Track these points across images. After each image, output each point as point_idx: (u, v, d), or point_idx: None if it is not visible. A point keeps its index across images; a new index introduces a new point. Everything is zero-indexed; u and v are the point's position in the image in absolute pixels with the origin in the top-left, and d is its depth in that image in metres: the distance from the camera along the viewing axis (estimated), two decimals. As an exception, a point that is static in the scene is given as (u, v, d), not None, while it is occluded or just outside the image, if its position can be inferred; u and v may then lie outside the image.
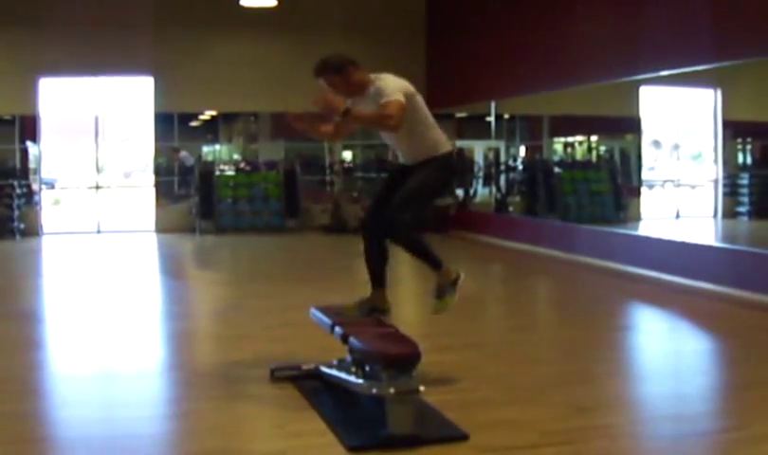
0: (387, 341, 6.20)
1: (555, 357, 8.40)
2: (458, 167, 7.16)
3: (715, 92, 13.75)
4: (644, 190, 16.06)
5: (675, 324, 10.74)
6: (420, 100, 7.02)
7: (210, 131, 25.84)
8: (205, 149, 25.53)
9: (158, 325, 10.45)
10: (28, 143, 21.02)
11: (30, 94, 20.24)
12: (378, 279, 7.23)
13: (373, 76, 7.00)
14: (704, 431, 6.12)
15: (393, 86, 6.76)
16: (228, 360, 8.19)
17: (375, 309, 7.15)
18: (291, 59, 21.24)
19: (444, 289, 7.08)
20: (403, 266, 10.79)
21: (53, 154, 25.64)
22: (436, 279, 7.09)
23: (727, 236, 14.13)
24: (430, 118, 7.10)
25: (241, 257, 18.05)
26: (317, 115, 7.00)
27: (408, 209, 6.95)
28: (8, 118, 20.93)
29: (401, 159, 7.24)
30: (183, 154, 23.32)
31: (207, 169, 21.84)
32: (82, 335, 9.50)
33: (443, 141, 7.07)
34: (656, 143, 16.49)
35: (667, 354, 9.11)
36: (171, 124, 22.17)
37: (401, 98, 6.63)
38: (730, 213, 14.16)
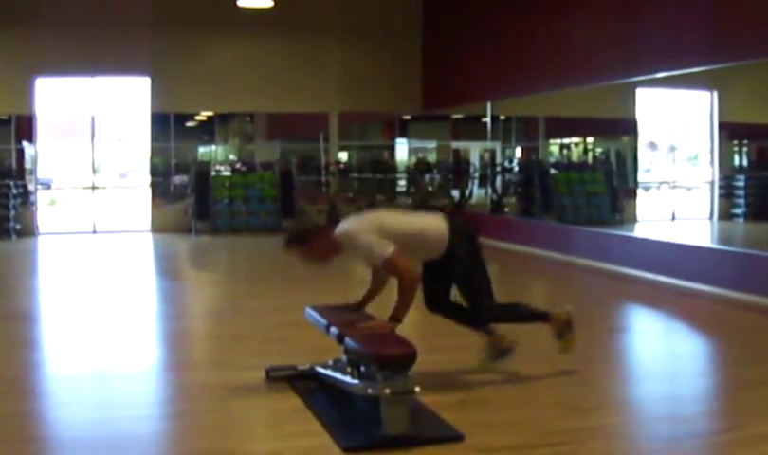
0: (382, 342, 6.19)
1: (550, 358, 8.39)
2: (464, 233, 7.03)
3: (711, 94, 13.78)
4: (640, 191, 16.09)
5: (671, 325, 10.75)
6: (390, 220, 6.86)
7: (207, 131, 25.88)
8: (201, 149, 25.54)
9: (154, 325, 10.44)
10: (25, 143, 21.02)
11: (27, 94, 20.23)
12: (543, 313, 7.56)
13: (337, 233, 6.72)
14: (700, 432, 6.13)
15: (371, 242, 6.55)
16: (224, 360, 8.19)
17: (503, 351, 7.38)
18: (287, 60, 21.30)
19: (562, 334, 7.35)
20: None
21: (49, 154, 25.63)
22: (551, 328, 7.40)
23: (723, 238, 14.15)
24: (410, 223, 6.97)
25: (236, 257, 18.04)
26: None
27: (478, 295, 7.13)
28: (4, 117, 20.93)
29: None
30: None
31: (203, 169, 21.83)
32: (78, 335, 9.50)
33: (439, 232, 6.94)
34: (652, 145, 16.51)
35: (662, 355, 9.12)
36: (167, 125, 22.18)
37: (389, 248, 6.48)
38: (726, 215, 14.18)
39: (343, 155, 24.42)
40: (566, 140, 20.23)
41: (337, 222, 6.94)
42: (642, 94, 14.81)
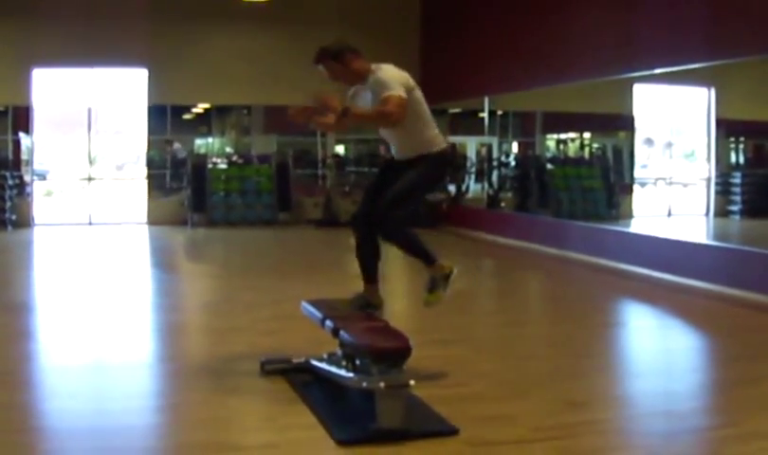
0: (377, 335, 6.19)
1: (546, 353, 8.40)
2: (451, 164, 7.09)
3: (709, 90, 13.78)
4: (636, 187, 16.08)
5: (666, 321, 10.76)
6: (419, 94, 6.92)
7: (203, 124, 25.80)
8: (198, 142, 25.49)
9: (149, 317, 10.44)
10: (21, 134, 20.96)
11: (24, 84, 20.21)
12: (371, 274, 7.16)
13: (373, 65, 6.89)
14: (695, 428, 6.13)
15: (395, 79, 6.64)
16: (219, 353, 8.18)
17: (369, 304, 7.09)
18: (285, 52, 21.25)
19: (436, 283, 7.00)
20: (395, 261, 10.77)
21: (46, 145, 25.61)
22: (429, 272, 7.00)
23: (719, 234, 14.16)
24: (428, 114, 6.98)
25: (232, 250, 18.02)
26: (316, 109, 6.90)
27: (399, 207, 6.82)
28: (0, 108, 20.85)
29: (394, 153, 7.12)
30: (176, 145, 23.27)
31: (199, 162, 21.82)
32: (74, 326, 9.48)
33: (438, 139, 6.97)
34: (649, 141, 16.51)
35: (658, 350, 9.13)
36: (164, 117, 22.14)
37: (402, 92, 6.51)
38: (722, 212, 14.18)
39: (340, 149, 24.38)
40: (563, 136, 20.22)
41: None
42: (639, 90, 14.81)
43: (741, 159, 15.15)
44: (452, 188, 21.54)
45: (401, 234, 6.95)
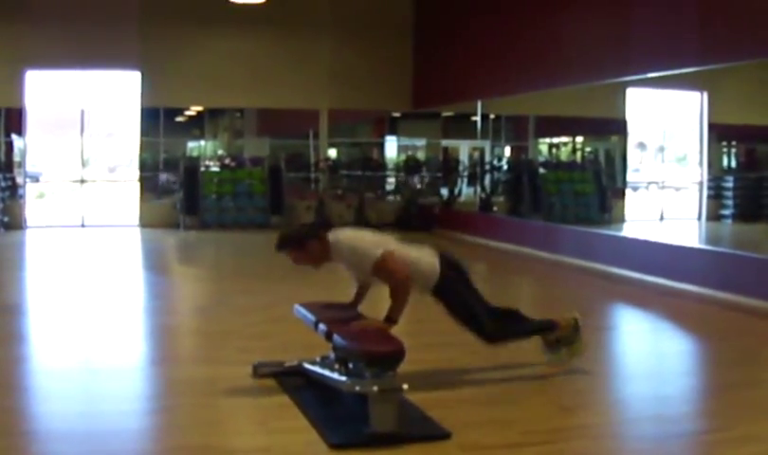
0: (370, 339, 6.19)
1: (538, 357, 8.40)
2: (453, 264, 7.12)
3: (701, 95, 13.81)
4: (628, 191, 16.11)
5: (658, 325, 10.76)
6: (389, 240, 6.90)
7: (196, 126, 25.81)
8: (190, 144, 25.49)
9: (141, 320, 10.43)
10: (14, 136, 20.96)
11: (16, 86, 20.20)
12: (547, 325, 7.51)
13: (331, 239, 6.78)
14: (687, 432, 6.14)
15: (367, 241, 6.72)
16: (211, 356, 8.19)
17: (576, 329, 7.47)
18: (278, 55, 21.31)
19: (569, 339, 7.34)
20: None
21: (38, 147, 25.57)
22: (558, 334, 7.37)
23: (711, 238, 14.19)
24: (407, 250, 6.94)
25: (225, 253, 18.02)
26: None
27: (476, 319, 7.04)
28: (-7, 110, 20.88)
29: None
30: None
31: (192, 164, 21.81)
32: (65, 329, 9.48)
33: (432, 264, 6.95)
34: (641, 145, 16.54)
35: (649, 354, 9.14)
36: (156, 119, 22.14)
37: (376, 254, 6.55)
38: (714, 216, 14.21)
39: (333, 152, 24.39)
40: (555, 140, 20.26)
41: (328, 224, 6.99)
42: (632, 94, 14.84)
43: (733, 163, 15.18)
44: (445, 191, 21.57)
45: (509, 331, 7.35)
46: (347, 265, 6.85)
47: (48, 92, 21.31)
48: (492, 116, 20.36)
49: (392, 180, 24.56)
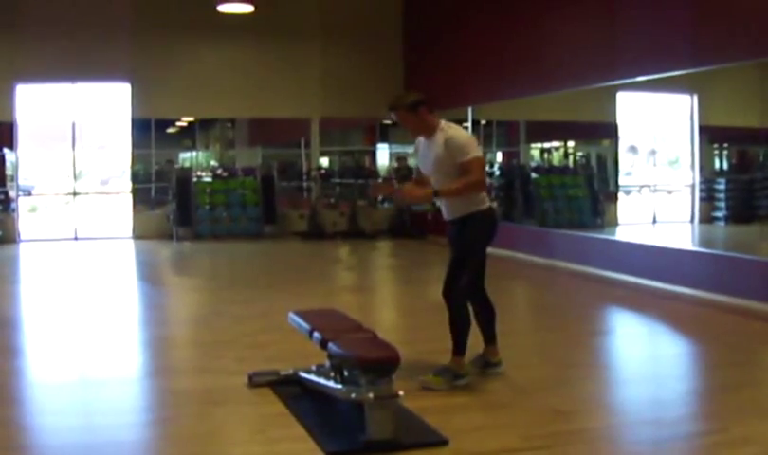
0: (366, 346, 6.19)
1: (533, 362, 8.40)
2: (497, 221, 7.47)
3: (691, 97, 13.81)
4: (621, 195, 16.11)
5: (653, 328, 10.77)
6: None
7: (188, 137, 25.82)
8: (182, 155, 25.50)
9: (136, 332, 10.42)
10: (5, 150, 20.93)
11: (7, 101, 20.16)
12: (462, 347, 7.39)
13: (443, 122, 7.27)
14: (684, 435, 6.14)
15: (470, 141, 7.14)
16: (207, 366, 8.18)
17: (457, 376, 7.28)
18: (268, 65, 21.32)
19: (445, 373, 7.22)
20: (385, 272, 10.80)
21: (30, 160, 25.55)
22: (450, 362, 7.28)
23: (704, 241, 14.18)
24: None
25: (218, 263, 18.01)
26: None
27: (466, 274, 7.37)
28: (-16, 125, 20.85)
29: (444, 213, 7.51)
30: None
31: (184, 175, 21.80)
32: (61, 342, 9.46)
33: (484, 196, 7.37)
34: (633, 148, 16.54)
35: (645, 358, 9.15)
36: (148, 131, 22.14)
37: (480, 154, 7.09)
38: (707, 218, 14.21)
39: (325, 161, 24.40)
40: (547, 144, 20.26)
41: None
42: (622, 97, 14.85)
43: (725, 166, 15.18)
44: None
45: (460, 312, 7.37)
46: (433, 150, 7.23)
47: (39, 105, 21.29)
48: (483, 121, 20.37)
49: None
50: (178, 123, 24.92)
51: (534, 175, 18.90)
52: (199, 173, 22.59)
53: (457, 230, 7.37)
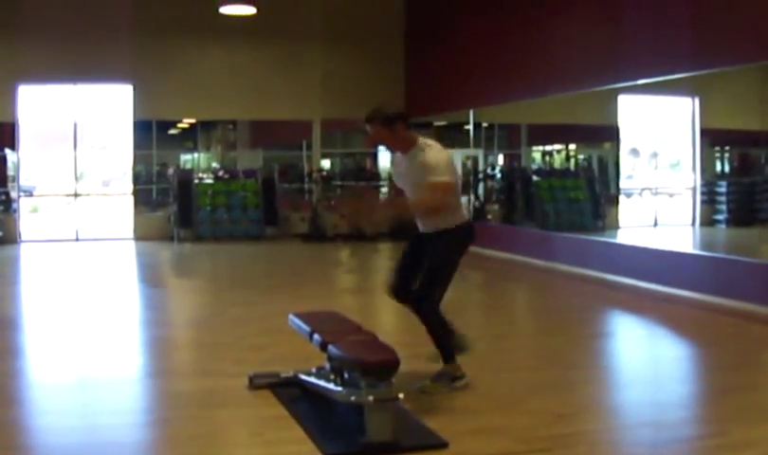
0: (366, 349, 6.19)
1: (534, 365, 8.40)
2: (473, 236, 7.39)
3: (693, 101, 13.82)
4: (622, 198, 16.10)
5: (654, 331, 10.77)
6: (459, 176, 7.32)
7: (189, 139, 25.82)
8: (183, 157, 25.49)
9: (137, 333, 10.42)
10: (7, 151, 20.94)
11: (9, 101, 20.20)
12: (450, 352, 7.32)
13: (420, 139, 7.12)
14: (684, 438, 6.14)
15: (445, 163, 6.93)
16: (207, 368, 8.17)
17: (455, 378, 7.24)
18: (270, 67, 21.32)
19: (442, 378, 7.18)
20: (383, 275, 10.77)
21: (32, 161, 25.54)
22: (444, 367, 7.22)
23: (705, 244, 14.19)
24: (459, 192, 7.37)
25: (219, 265, 18.02)
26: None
27: (435, 288, 7.16)
28: (-14, 125, 20.87)
29: (420, 226, 7.34)
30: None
31: (185, 177, 21.80)
32: (61, 342, 9.46)
33: (462, 213, 7.34)
34: (634, 151, 16.54)
35: (645, 361, 9.15)
36: (149, 132, 22.15)
37: (452, 177, 6.90)
38: (708, 221, 14.21)
39: (326, 163, 24.39)
40: (548, 147, 20.26)
41: None
42: (624, 100, 14.84)
43: (726, 168, 15.19)
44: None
45: (438, 321, 7.25)
46: (409, 166, 7.11)
47: (41, 106, 21.30)
48: (485, 124, 20.38)
49: (385, 190, 24.55)
50: (180, 125, 24.93)
51: (535, 178, 18.91)
52: (200, 175, 22.58)
53: (431, 241, 7.18)
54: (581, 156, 19.41)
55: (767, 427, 6.30)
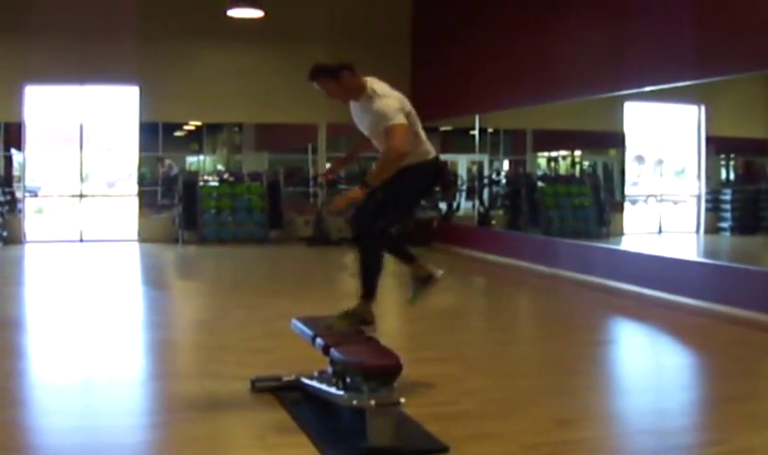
0: (368, 353, 6.19)
1: (536, 371, 8.40)
2: (438, 174, 7.24)
3: (698, 108, 13.81)
4: (627, 205, 16.09)
5: (656, 339, 10.77)
6: (413, 112, 7.08)
7: (195, 141, 25.82)
8: (189, 159, 25.50)
9: (140, 335, 10.42)
10: (13, 151, 20.99)
11: (15, 101, 20.22)
12: (371, 290, 7.16)
13: (368, 81, 7.15)
14: (685, 446, 6.12)
15: (392, 107, 6.81)
16: (209, 371, 8.17)
17: (363, 321, 7.10)
18: (277, 71, 21.29)
19: (352, 316, 7.10)
20: (386, 279, 10.75)
21: (37, 161, 25.60)
22: (357, 305, 7.11)
23: (709, 251, 14.17)
24: (419, 129, 7.13)
25: (223, 268, 18.03)
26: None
27: (384, 217, 7.00)
28: (-7, 125, 20.91)
29: None
30: (167, 162, 23.33)
31: (190, 179, 21.81)
32: (64, 343, 9.47)
33: (426, 151, 7.13)
34: (639, 158, 16.53)
35: (648, 368, 9.13)
36: (155, 134, 22.17)
37: (402, 119, 6.74)
38: (712, 229, 14.20)
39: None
40: (554, 153, 20.26)
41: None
42: (630, 107, 14.84)
43: (732, 176, 15.18)
44: (443, 205, 21.57)
45: (372, 254, 7.11)
46: (363, 113, 7.16)
47: (47, 107, 21.35)
48: (490, 130, 20.37)
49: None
50: (186, 127, 24.93)
51: (540, 184, 18.90)
52: (206, 178, 22.60)
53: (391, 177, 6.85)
54: (586, 163, 19.41)
55: (769, 436, 6.30)
